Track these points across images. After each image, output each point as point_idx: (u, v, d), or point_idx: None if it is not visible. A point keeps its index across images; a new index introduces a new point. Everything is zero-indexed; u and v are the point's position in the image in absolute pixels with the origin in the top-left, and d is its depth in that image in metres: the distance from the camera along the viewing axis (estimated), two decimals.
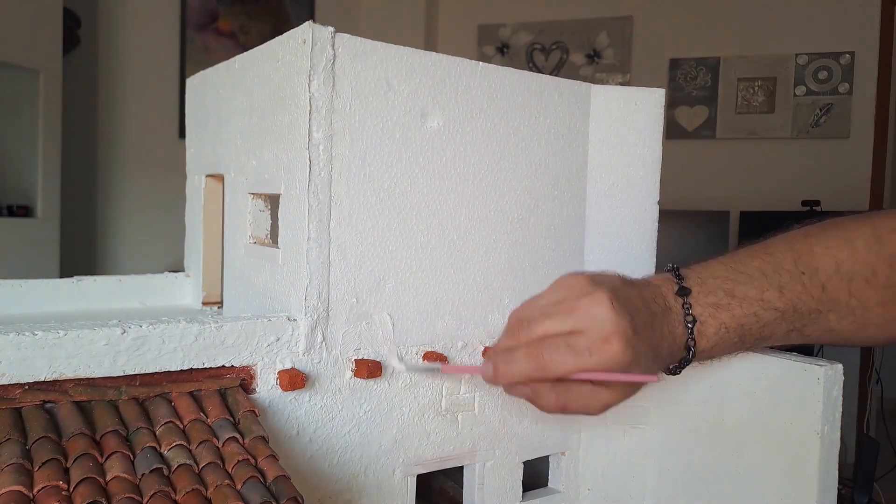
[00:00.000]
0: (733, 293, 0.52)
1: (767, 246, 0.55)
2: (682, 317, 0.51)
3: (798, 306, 0.52)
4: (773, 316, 0.52)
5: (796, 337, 0.54)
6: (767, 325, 0.52)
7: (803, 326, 0.53)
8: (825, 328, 0.53)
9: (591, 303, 0.46)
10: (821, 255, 0.53)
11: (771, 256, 0.54)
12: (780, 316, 0.52)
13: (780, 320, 0.52)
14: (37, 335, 0.39)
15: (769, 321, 0.52)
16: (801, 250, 0.54)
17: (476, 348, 0.57)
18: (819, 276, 0.53)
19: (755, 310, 0.52)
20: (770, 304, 0.52)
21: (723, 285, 0.52)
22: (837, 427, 0.51)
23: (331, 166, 0.49)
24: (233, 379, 0.46)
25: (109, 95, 3.05)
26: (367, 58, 0.50)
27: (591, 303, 0.46)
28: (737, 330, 0.52)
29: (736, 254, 0.55)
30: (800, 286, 0.52)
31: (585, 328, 0.45)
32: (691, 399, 0.60)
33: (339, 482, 0.51)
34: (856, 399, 2.81)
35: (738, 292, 0.52)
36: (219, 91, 0.64)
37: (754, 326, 0.52)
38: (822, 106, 3.12)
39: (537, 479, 0.65)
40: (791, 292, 0.52)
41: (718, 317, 0.51)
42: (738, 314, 0.52)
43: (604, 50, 3.41)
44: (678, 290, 0.52)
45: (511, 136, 0.58)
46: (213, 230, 0.70)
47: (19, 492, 0.33)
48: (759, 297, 0.52)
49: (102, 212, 3.09)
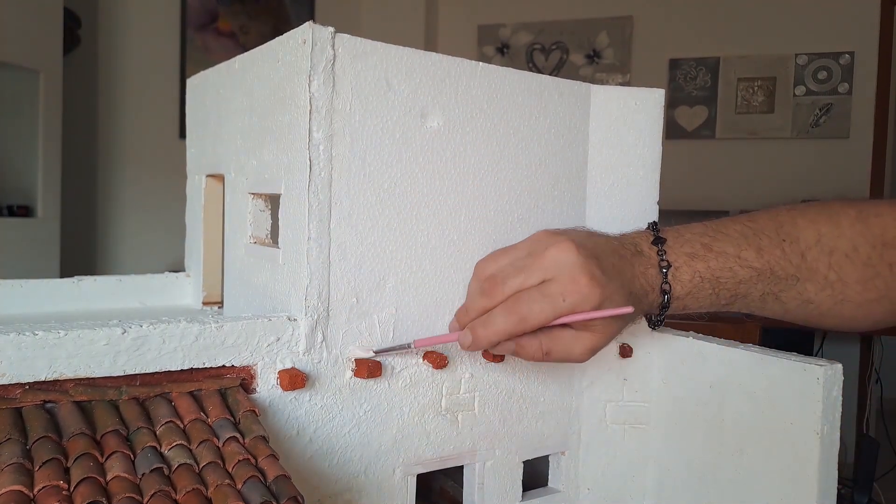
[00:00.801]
0: (710, 247, 0.53)
1: (750, 215, 0.56)
2: (656, 262, 0.53)
3: (775, 269, 0.53)
4: (749, 274, 0.53)
5: (772, 302, 0.55)
6: (743, 282, 0.53)
7: (780, 291, 0.54)
8: (803, 298, 0.55)
9: (557, 251, 0.48)
10: (804, 226, 0.54)
11: (753, 223, 0.55)
12: (756, 275, 0.53)
13: (756, 280, 0.53)
14: (37, 335, 0.39)
15: (745, 279, 0.53)
16: (783, 221, 0.55)
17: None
18: (800, 244, 0.54)
19: (731, 265, 0.53)
20: (746, 262, 0.53)
21: (700, 239, 0.54)
22: (837, 427, 0.51)
23: (331, 166, 0.49)
24: (233, 379, 0.46)
25: (109, 95, 3.05)
26: (367, 58, 0.50)
27: (556, 251, 0.48)
28: (711, 281, 0.53)
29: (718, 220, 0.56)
30: (779, 251, 0.53)
31: (555, 275, 0.48)
32: (691, 399, 0.60)
33: (339, 482, 0.51)
34: (856, 399, 2.81)
35: (714, 247, 0.53)
36: (219, 91, 0.64)
37: (730, 281, 0.53)
38: (822, 106, 3.12)
39: (537, 479, 0.65)
40: (769, 255, 0.53)
41: (693, 265, 0.53)
42: (714, 266, 0.53)
43: (604, 50, 3.42)
44: (654, 240, 0.53)
45: (511, 136, 0.58)
46: (214, 230, 0.70)
47: (19, 491, 0.33)
48: (736, 254, 0.53)
49: (102, 212, 3.09)
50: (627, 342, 0.64)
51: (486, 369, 0.58)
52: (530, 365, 0.60)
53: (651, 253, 0.53)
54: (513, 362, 0.59)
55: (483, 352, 0.57)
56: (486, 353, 0.57)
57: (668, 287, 0.52)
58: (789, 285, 0.54)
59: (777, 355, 0.54)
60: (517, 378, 0.60)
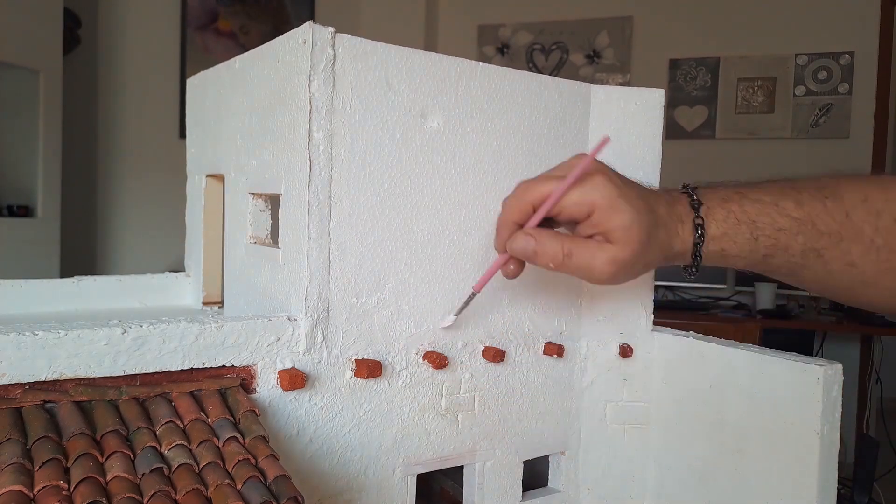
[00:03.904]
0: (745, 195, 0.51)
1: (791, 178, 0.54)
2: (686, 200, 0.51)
3: (817, 223, 0.50)
4: (790, 223, 0.50)
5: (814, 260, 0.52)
6: (783, 230, 0.50)
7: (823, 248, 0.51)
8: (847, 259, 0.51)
9: (578, 158, 0.49)
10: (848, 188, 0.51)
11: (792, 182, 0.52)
12: (797, 225, 0.50)
13: (797, 230, 0.50)
14: (37, 335, 0.39)
15: (785, 227, 0.50)
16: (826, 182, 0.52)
17: (476, 348, 0.57)
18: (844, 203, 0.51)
19: (769, 210, 0.50)
20: (785, 211, 0.50)
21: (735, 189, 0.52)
22: (837, 427, 0.51)
23: (331, 166, 0.49)
24: (233, 379, 0.46)
25: (109, 95, 3.05)
26: (368, 58, 0.50)
27: (577, 159, 0.49)
28: (748, 224, 0.50)
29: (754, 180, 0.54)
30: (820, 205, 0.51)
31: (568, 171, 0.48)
32: (691, 399, 0.60)
33: (339, 482, 0.51)
34: (856, 399, 2.82)
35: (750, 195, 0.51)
36: (219, 91, 0.64)
37: (769, 228, 0.50)
38: (822, 106, 3.12)
39: (537, 479, 0.65)
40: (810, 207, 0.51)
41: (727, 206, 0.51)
42: (750, 210, 0.51)
43: (604, 50, 3.41)
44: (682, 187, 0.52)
45: (511, 136, 0.58)
46: (214, 230, 0.70)
47: (20, 491, 0.33)
48: (773, 202, 0.51)
49: (102, 212, 3.09)
50: (627, 342, 0.64)
51: (486, 369, 0.58)
52: (530, 365, 0.60)
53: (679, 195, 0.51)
54: (513, 362, 0.59)
55: (483, 352, 0.57)
56: (486, 353, 0.57)
57: (702, 220, 0.50)
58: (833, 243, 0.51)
59: (777, 355, 0.54)
60: (517, 378, 0.60)
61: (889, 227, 0.50)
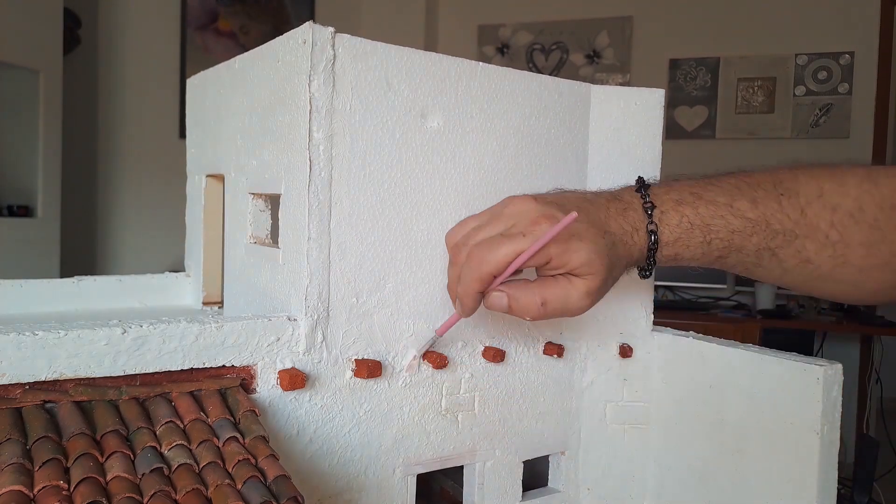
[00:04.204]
0: (700, 196, 0.51)
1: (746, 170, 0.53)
2: (639, 205, 0.50)
3: (771, 222, 0.50)
4: (743, 224, 0.50)
5: (769, 259, 0.52)
6: (737, 231, 0.50)
7: (777, 247, 0.51)
8: (802, 256, 0.51)
9: (516, 203, 0.49)
10: (805, 182, 0.51)
11: (749, 177, 0.52)
12: (750, 226, 0.50)
13: (750, 231, 0.50)
14: (37, 335, 0.39)
15: (738, 228, 0.50)
16: (783, 177, 0.52)
17: (476, 348, 0.57)
18: (799, 199, 0.50)
19: (723, 213, 0.50)
20: (740, 212, 0.50)
21: (689, 189, 0.51)
22: (837, 427, 0.51)
23: (331, 166, 0.49)
24: (233, 379, 0.46)
25: (109, 95, 3.05)
26: (368, 58, 0.50)
27: (515, 203, 0.49)
28: (701, 228, 0.50)
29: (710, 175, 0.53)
30: (775, 203, 0.50)
31: (515, 222, 0.48)
32: (691, 399, 0.60)
33: (339, 482, 0.51)
34: (856, 399, 2.82)
35: (705, 196, 0.51)
36: (219, 91, 0.64)
37: (722, 230, 0.50)
38: (822, 106, 3.12)
39: (537, 479, 0.65)
40: (765, 207, 0.50)
41: (681, 210, 0.50)
42: (704, 213, 0.50)
43: (604, 50, 3.41)
44: (636, 188, 0.51)
45: (511, 136, 0.58)
46: (214, 230, 0.70)
47: (20, 491, 0.33)
48: (728, 203, 0.50)
49: (102, 212, 3.09)
50: (627, 342, 0.64)
51: (486, 369, 0.58)
52: (530, 365, 0.60)
53: (632, 199, 0.51)
54: (513, 362, 0.59)
55: (483, 352, 0.57)
56: (487, 353, 0.57)
57: (655, 227, 0.50)
58: (787, 241, 0.51)
59: (777, 355, 0.54)
60: (517, 378, 0.60)
61: (844, 221, 0.50)
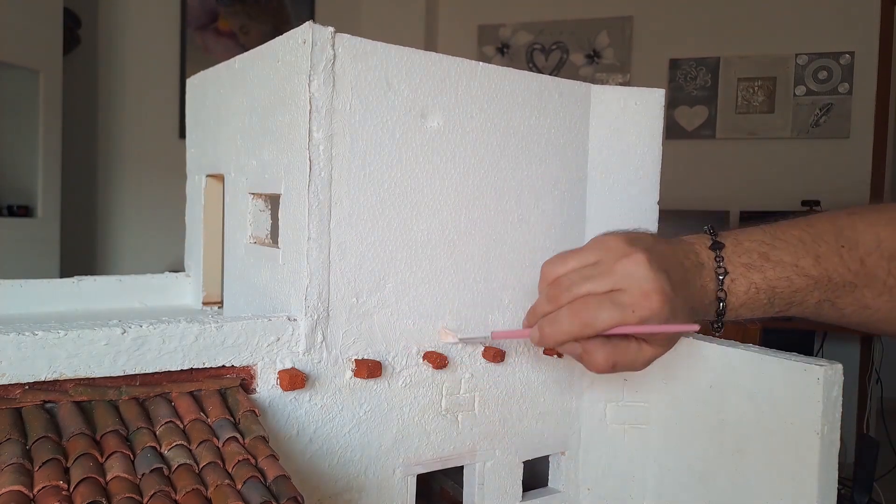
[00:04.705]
0: (768, 256, 0.53)
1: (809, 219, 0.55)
2: (713, 271, 0.52)
3: (833, 277, 0.53)
4: (806, 283, 0.53)
5: (829, 308, 0.54)
6: (799, 290, 0.53)
7: (836, 298, 0.54)
8: (860, 304, 0.54)
9: (630, 263, 0.48)
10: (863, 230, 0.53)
11: (812, 228, 0.54)
12: (812, 284, 0.53)
13: (812, 288, 0.53)
14: (37, 335, 0.39)
15: (801, 287, 0.53)
16: (843, 225, 0.54)
17: (476, 348, 0.57)
18: (859, 250, 0.53)
19: (788, 274, 0.52)
20: (804, 271, 0.52)
21: (758, 248, 0.53)
22: (837, 427, 0.51)
23: (331, 166, 0.49)
24: (233, 379, 0.46)
25: (109, 95, 3.05)
26: (368, 58, 0.50)
27: (629, 263, 0.48)
28: (767, 292, 0.52)
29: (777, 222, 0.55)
30: (837, 257, 0.53)
31: (626, 287, 0.47)
32: (691, 399, 0.60)
33: (339, 482, 0.51)
34: (856, 399, 2.81)
35: (772, 256, 0.53)
36: (219, 91, 0.64)
37: (786, 291, 0.53)
38: (822, 106, 3.12)
39: (537, 479, 0.65)
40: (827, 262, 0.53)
41: (750, 276, 0.52)
42: (771, 276, 0.52)
43: (604, 50, 3.41)
44: (711, 245, 0.53)
45: (511, 136, 0.58)
46: (214, 230, 0.70)
47: (19, 491, 0.33)
48: (793, 263, 0.52)
49: (102, 212, 3.09)
50: None
51: (486, 369, 0.58)
52: (530, 365, 0.60)
53: (709, 261, 0.52)
54: (513, 362, 0.59)
55: (483, 352, 0.57)
56: (487, 353, 0.57)
57: (724, 295, 0.52)
58: (847, 292, 0.53)
59: (777, 355, 0.54)
60: (517, 378, 0.60)
61: None
